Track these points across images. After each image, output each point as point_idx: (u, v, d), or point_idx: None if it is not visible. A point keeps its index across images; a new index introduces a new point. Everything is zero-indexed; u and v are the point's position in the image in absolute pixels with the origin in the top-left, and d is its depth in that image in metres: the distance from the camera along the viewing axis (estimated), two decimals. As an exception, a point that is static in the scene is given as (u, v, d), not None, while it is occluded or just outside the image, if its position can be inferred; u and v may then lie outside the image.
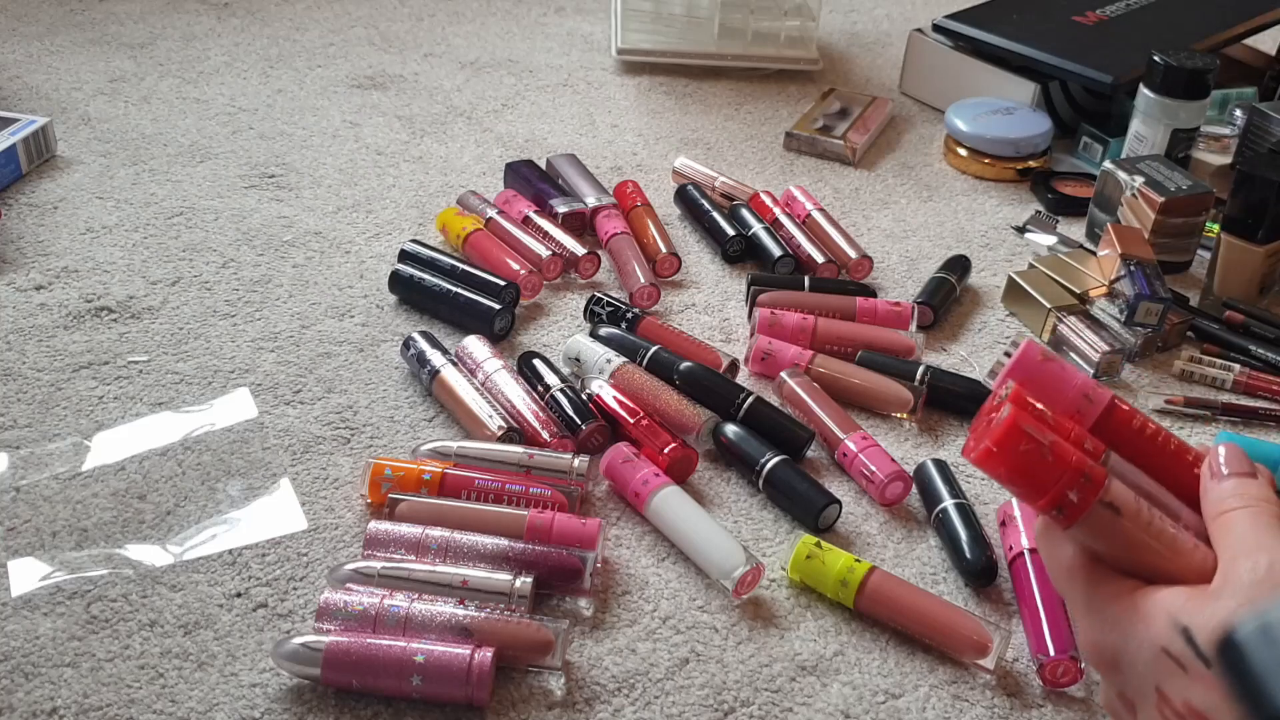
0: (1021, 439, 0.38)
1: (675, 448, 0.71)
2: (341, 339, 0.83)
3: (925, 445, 0.77)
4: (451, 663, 0.56)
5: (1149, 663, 0.37)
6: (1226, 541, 0.38)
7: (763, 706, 0.58)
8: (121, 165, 1.03)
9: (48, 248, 0.91)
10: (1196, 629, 0.36)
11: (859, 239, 0.97)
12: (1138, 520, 0.39)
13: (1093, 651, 0.40)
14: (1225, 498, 0.39)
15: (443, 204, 0.99)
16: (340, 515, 0.68)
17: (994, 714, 0.59)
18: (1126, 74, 1.06)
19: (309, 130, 1.11)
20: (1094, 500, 0.38)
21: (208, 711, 0.56)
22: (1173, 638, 0.36)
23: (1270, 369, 0.84)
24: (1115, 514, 0.38)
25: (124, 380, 0.77)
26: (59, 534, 0.66)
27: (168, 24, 1.32)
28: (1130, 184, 0.93)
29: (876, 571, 0.63)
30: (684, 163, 1.06)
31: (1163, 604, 0.37)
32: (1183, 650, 0.36)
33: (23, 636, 0.60)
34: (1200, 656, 0.35)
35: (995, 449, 0.38)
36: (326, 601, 0.59)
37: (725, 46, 1.27)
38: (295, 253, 0.92)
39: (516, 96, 1.21)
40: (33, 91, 1.15)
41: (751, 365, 0.82)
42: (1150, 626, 0.37)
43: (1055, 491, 0.38)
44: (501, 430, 0.72)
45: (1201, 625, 0.36)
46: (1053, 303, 0.86)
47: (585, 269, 0.90)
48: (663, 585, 0.65)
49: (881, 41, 1.41)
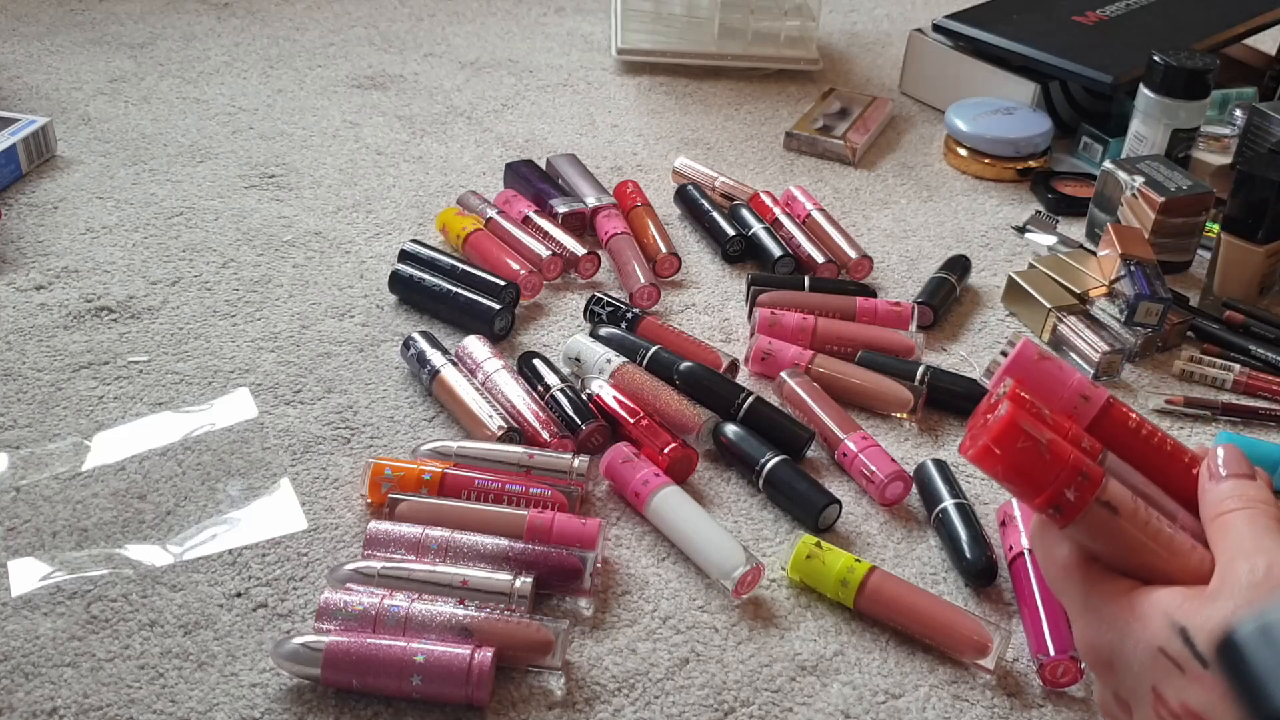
0: (1019, 436, 0.38)
1: (675, 448, 0.71)
2: (341, 339, 0.83)
3: (925, 445, 0.77)
4: (451, 663, 0.56)
5: (1145, 663, 0.37)
6: (1224, 543, 0.38)
7: (763, 706, 0.58)
8: (121, 165, 1.03)
9: (48, 248, 0.91)
10: (1194, 630, 0.36)
11: (859, 239, 0.97)
12: (1135, 520, 0.39)
13: (1088, 652, 0.40)
14: (1224, 499, 0.39)
15: (443, 204, 1.00)
16: (340, 515, 0.68)
17: (994, 714, 0.59)
18: (1126, 74, 1.06)
19: (309, 130, 1.11)
20: (1091, 499, 0.38)
21: (208, 711, 0.56)
22: (1170, 638, 0.36)
23: (1270, 369, 0.84)
24: (1112, 513, 0.38)
25: (124, 380, 0.78)
26: (59, 534, 0.66)
27: (168, 24, 1.32)
28: (1130, 184, 0.93)
29: (876, 571, 0.63)
30: (684, 163, 1.06)
31: (1160, 604, 0.37)
32: (1180, 651, 0.36)
33: (23, 636, 0.60)
34: (1198, 657, 0.35)
35: (993, 447, 0.38)
36: (326, 601, 0.59)
37: (725, 46, 1.27)
38: (295, 253, 0.92)
39: (516, 96, 1.21)
40: (33, 91, 1.15)
41: (751, 365, 0.82)
42: (1147, 627, 0.37)
43: (1052, 490, 0.38)
44: (501, 430, 0.72)
45: (1199, 626, 0.36)
46: (1053, 303, 0.86)
47: (585, 269, 0.90)
48: (663, 585, 0.65)
49: (881, 41, 1.41)
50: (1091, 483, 0.38)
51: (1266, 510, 0.39)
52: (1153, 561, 0.39)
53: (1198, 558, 0.39)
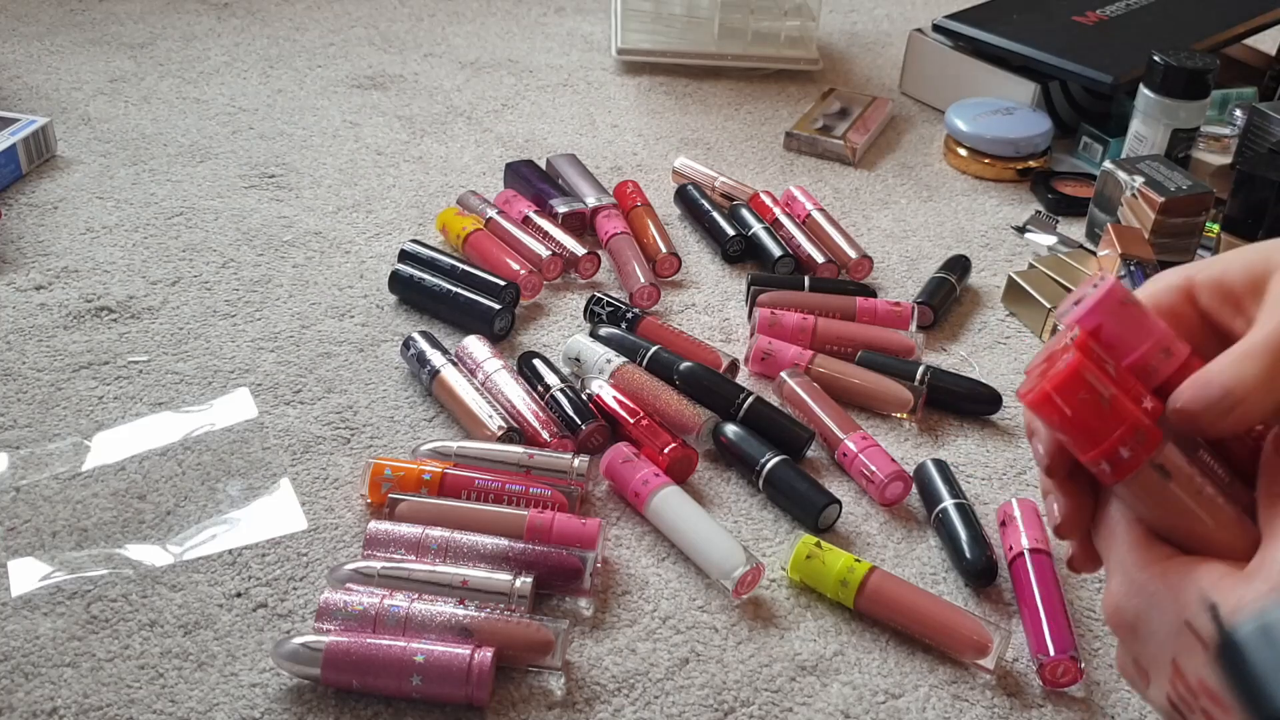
0: (1082, 386, 0.36)
1: (675, 448, 0.71)
2: (341, 339, 0.83)
3: (925, 445, 0.77)
4: (451, 663, 0.56)
5: (1170, 635, 0.36)
6: (1276, 523, 0.36)
7: (763, 706, 0.58)
8: (121, 165, 1.03)
9: (48, 248, 0.91)
10: (1224, 608, 0.35)
11: (859, 239, 0.97)
12: (1189, 486, 0.37)
13: (1114, 613, 0.39)
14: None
15: (443, 204, 1.00)
16: (340, 515, 0.68)
17: (994, 714, 0.59)
18: (1126, 74, 1.06)
19: (309, 130, 1.11)
20: (1145, 459, 0.37)
21: (208, 711, 0.56)
22: (1199, 613, 0.35)
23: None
24: (1165, 477, 0.37)
25: (124, 380, 0.78)
26: (59, 534, 0.66)
27: (168, 24, 1.32)
28: (1130, 184, 0.93)
29: (876, 571, 0.63)
30: (684, 163, 1.06)
31: (1195, 578, 0.36)
32: (1206, 626, 0.35)
33: (23, 636, 0.60)
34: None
35: (1053, 394, 0.36)
36: (326, 601, 0.59)
37: (725, 46, 1.27)
38: (295, 253, 0.92)
39: (516, 96, 1.21)
40: (33, 91, 1.15)
41: (751, 365, 0.82)
42: (1178, 598, 0.36)
43: (1108, 445, 0.37)
44: (501, 430, 0.72)
45: (1230, 605, 0.35)
46: (1053, 303, 0.86)
47: (585, 269, 0.90)
48: (663, 585, 0.65)
49: (881, 41, 1.41)
50: (1149, 443, 0.37)
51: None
52: (1198, 530, 0.37)
53: (1245, 533, 0.37)
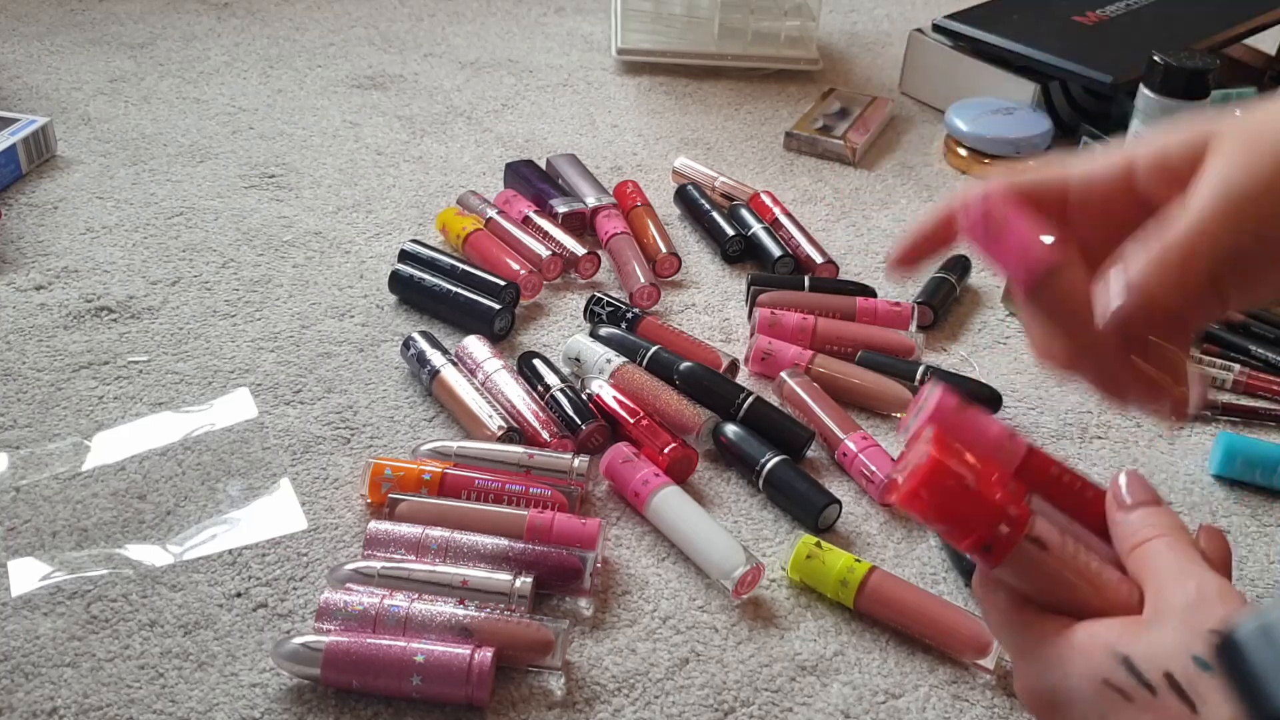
0: (947, 476, 0.38)
1: (675, 448, 0.71)
2: (341, 339, 0.83)
3: (925, 445, 0.77)
4: (451, 663, 0.56)
5: (1091, 697, 0.37)
6: (1150, 571, 0.39)
7: (763, 706, 0.58)
8: (121, 165, 1.03)
9: (48, 248, 0.91)
10: (1137, 658, 0.36)
11: (859, 239, 0.97)
12: (1063, 555, 0.39)
13: (1030, 696, 0.40)
14: (1138, 528, 0.40)
15: (443, 204, 0.99)
16: (340, 515, 0.68)
17: (994, 714, 0.59)
18: (1126, 74, 1.06)
19: (309, 130, 1.11)
20: (1021, 536, 0.38)
21: (208, 711, 0.56)
22: (1114, 668, 0.37)
23: (1270, 369, 0.84)
24: (1042, 549, 0.39)
25: (124, 380, 0.78)
26: (59, 534, 0.66)
27: (168, 24, 1.32)
28: (1130, 184, 0.93)
29: (876, 571, 0.63)
30: (684, 163, 1.06)
31: (1098, 636, 0.38)
32: (1125, 680, 0.36)
33: (23, 636, 0.60)
34: (1145, 685, 0.36)
35: (920, 489, 0.38)
36: (326, 601, 0.59)
37: (725, 46, 1.27)
38: (295, 253, 0.92)
39: (516, 96, 1.21)
40: (33, 91, 1.15)
41: (751, 365, 0.82)
42: (1089, 659, 0.37)
43: (982, 529, 0.38)
44: (501, 430, 0.72)
45: (1141, 654, 0.36)
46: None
47: (585, 269, 0.90)
48: (663, 585, 0.65)
49: (881, 41, 1.41)
50: (1020, 520, 0.38)
51: (1181, 535, 0.40)
52: (1084, 596, 0.39)
53: (1126, 589, 0.39)
